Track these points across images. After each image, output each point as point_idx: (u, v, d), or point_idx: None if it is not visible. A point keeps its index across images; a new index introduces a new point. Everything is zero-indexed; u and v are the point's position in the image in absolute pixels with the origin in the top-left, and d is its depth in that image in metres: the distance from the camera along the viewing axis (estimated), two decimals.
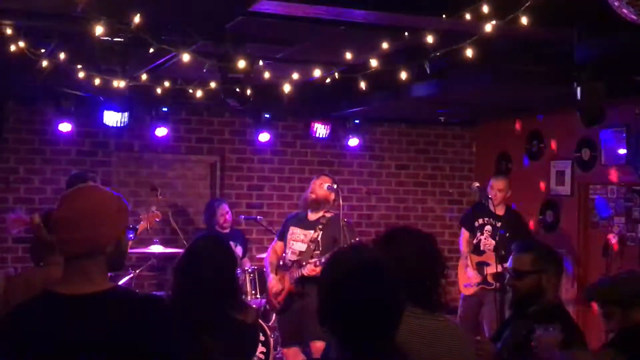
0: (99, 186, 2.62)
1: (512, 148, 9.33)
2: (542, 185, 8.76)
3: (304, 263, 6.44)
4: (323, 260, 6.28)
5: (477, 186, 8.09)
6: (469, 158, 10.12)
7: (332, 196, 6.58)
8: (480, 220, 7.77)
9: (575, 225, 8.33)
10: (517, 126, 9.19)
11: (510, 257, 3.75)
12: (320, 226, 6.52)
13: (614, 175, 7.85)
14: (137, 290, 7.16)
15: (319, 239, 6.48)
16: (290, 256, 6.62)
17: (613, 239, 7.47)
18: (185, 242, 7.51)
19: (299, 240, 6.61)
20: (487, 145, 9.83)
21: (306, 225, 6.62)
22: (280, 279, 6.64)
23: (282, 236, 6.83)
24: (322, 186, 6.59)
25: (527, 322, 3.56)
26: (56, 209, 2.46)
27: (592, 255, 8.14)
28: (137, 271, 7.56)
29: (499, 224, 7.61)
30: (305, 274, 6.37)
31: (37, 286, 3.56)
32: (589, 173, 8.15)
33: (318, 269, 6.27)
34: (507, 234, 7.30)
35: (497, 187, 7.65)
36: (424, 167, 9.94)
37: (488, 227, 7.69)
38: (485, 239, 7.69)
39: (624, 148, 7.63)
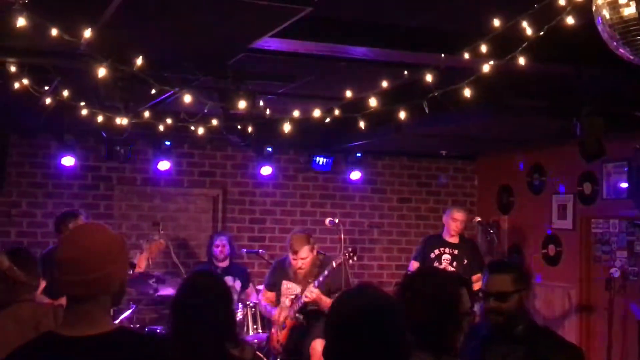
0: (99, 224, 2.53)
1: (513, 181, 9.33)
2: (544, 219, 8.75)
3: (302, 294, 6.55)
4: (321, 279, 6.37)
5: (479, 221, 8.12)
6: (471, 191, 10.11)
7: (313, 255, 6.62)
8: (437, 251, 7.92)
9: (577, 259, 8.30)
10: (519, 160, 9.20)
11: (486, 279, 3.57)
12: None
13: (615, 209, 7.86)
14: (137, 326, 7.12)
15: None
16: (286, 302, 6.74)
17: (615, 273, 7.44)
18: (186, 276, 7.49)
19: (293, 293, 6.71)
20: (489, 179, 9.84)
21: (298, 280, 6.71)
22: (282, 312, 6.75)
23: (273, 287, 6.92)
24: (305, 252, 6.58)
25: (516, 345, 3.44)
26: (59, 250, 2.38)
27: (594, 290, 8.11)
28: (139, 305, 7.53)
29: (456, 251, 7.84)
30: (306, 299, 6.46)
31: (29, 321, 3.54)
32: (590, 207, 8.15)
33: (316, 291, 6.36)
34: (465, 261, 7.75)
35: (460, 219, 7.88)
36: (426, 200, 9.94)
37: (446, 257, 7.86)
38: (444, 267, 7.75)
39: (625, 182, 7.64)
